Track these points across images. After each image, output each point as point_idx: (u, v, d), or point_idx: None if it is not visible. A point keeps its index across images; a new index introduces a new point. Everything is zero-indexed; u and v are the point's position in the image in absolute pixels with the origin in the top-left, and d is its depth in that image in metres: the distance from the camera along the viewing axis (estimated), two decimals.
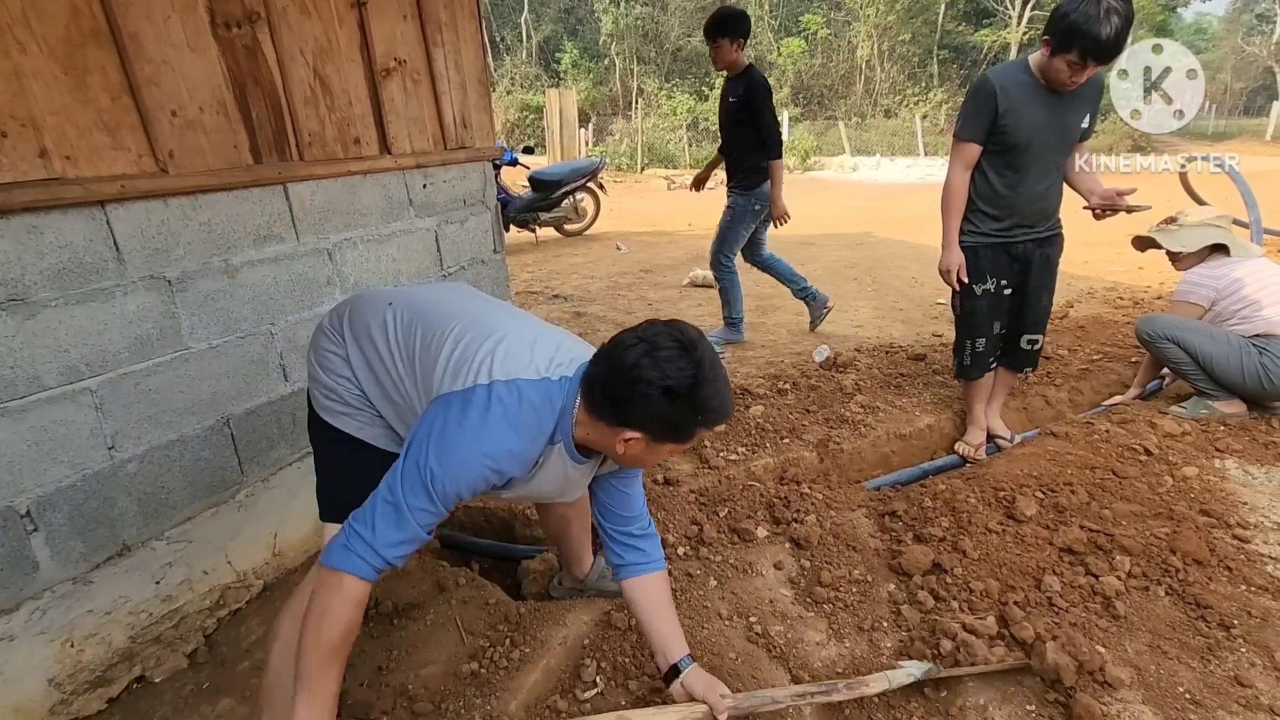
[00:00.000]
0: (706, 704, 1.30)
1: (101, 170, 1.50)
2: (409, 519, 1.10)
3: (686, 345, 1.10)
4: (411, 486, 1.10)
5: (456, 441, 1.10)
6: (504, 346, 1.20)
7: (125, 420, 1.60)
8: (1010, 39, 21.92)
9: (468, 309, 1.33)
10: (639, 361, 1.08)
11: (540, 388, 1.17)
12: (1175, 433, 2.56)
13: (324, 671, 1.10)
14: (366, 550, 1.09)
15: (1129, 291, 4.82)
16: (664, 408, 1.09)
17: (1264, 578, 1.81)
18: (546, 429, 1.17)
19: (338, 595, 1.09)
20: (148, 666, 1.66)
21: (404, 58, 2.23)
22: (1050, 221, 2.59)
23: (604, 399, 1.13)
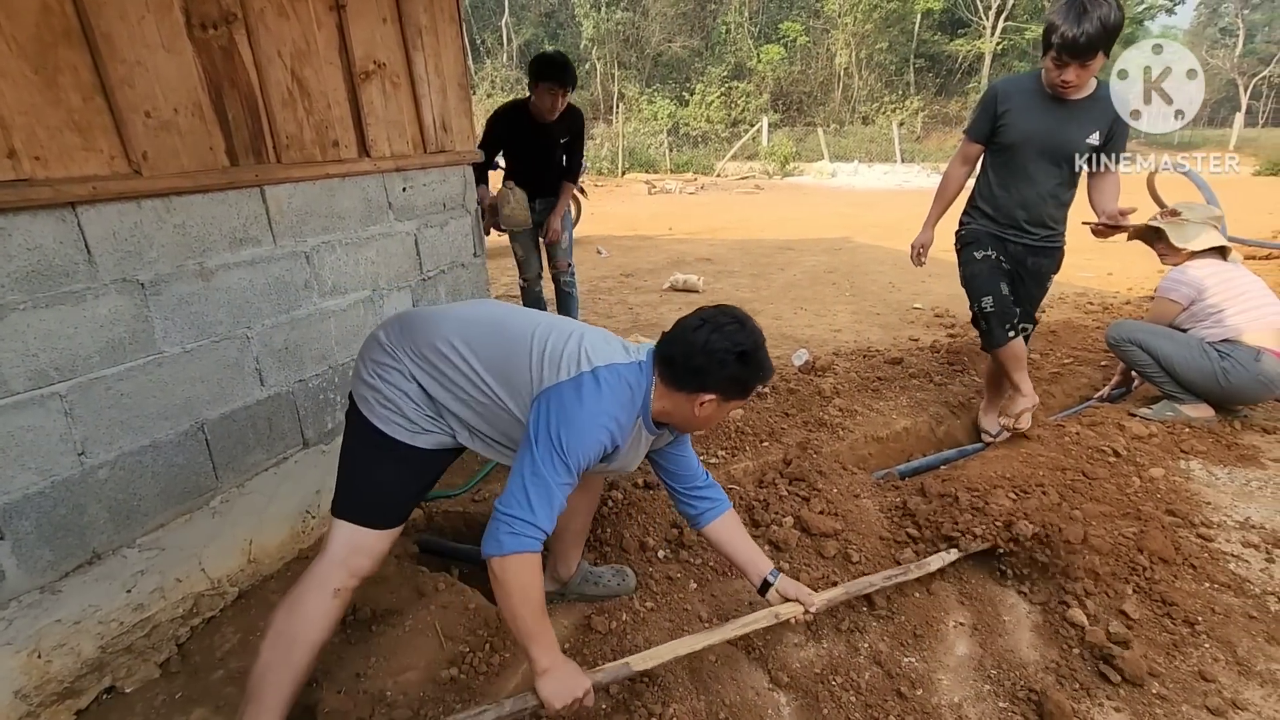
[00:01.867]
0: (799, 601, 1.58)
1: (72, 171, 1.48)
2: (557, 493, 1.28)
3: (741, 320, 1.37)
4: (552, 465, 1.27)
5: (580, 418, 1.30)
6: (587, 340, 1.41)
7: (96, 425, 1.57)
8: (984, 49, 22.35)
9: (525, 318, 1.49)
10: (710, 338, 1.33)
11: (631, 369, 1.39)
12: (1143, 435, 2.63)
13: (542, 623, 1.30)
14: (531, 530, 1.26)
15: (1099, 297, 4.93)
16: (736, 369, 1.34)
17: (1227, 575, 1.87)
18: (638, 404, 1.39)
19: (526, 570, 1.26)
20: (118, 677, 1.63)
21: (383, 60, 2.22)
22: (1046, 231, 2.59)
23: (685, 371, 1.35)
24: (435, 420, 1.44)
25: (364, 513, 1.41)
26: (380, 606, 1.83)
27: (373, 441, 1.43)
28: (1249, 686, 1.53)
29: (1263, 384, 2.61)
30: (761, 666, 1.62)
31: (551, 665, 1.29)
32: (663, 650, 1.47)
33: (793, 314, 4.65)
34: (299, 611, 1.37)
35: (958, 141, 20.96)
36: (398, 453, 1.42)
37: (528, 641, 1.29)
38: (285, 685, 1.35)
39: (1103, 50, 2.16)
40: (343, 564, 1.38)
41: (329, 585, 1.37)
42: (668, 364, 1.38)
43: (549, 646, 1.31)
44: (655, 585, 1.86)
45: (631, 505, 2.20)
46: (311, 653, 1.37)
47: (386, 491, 1.43)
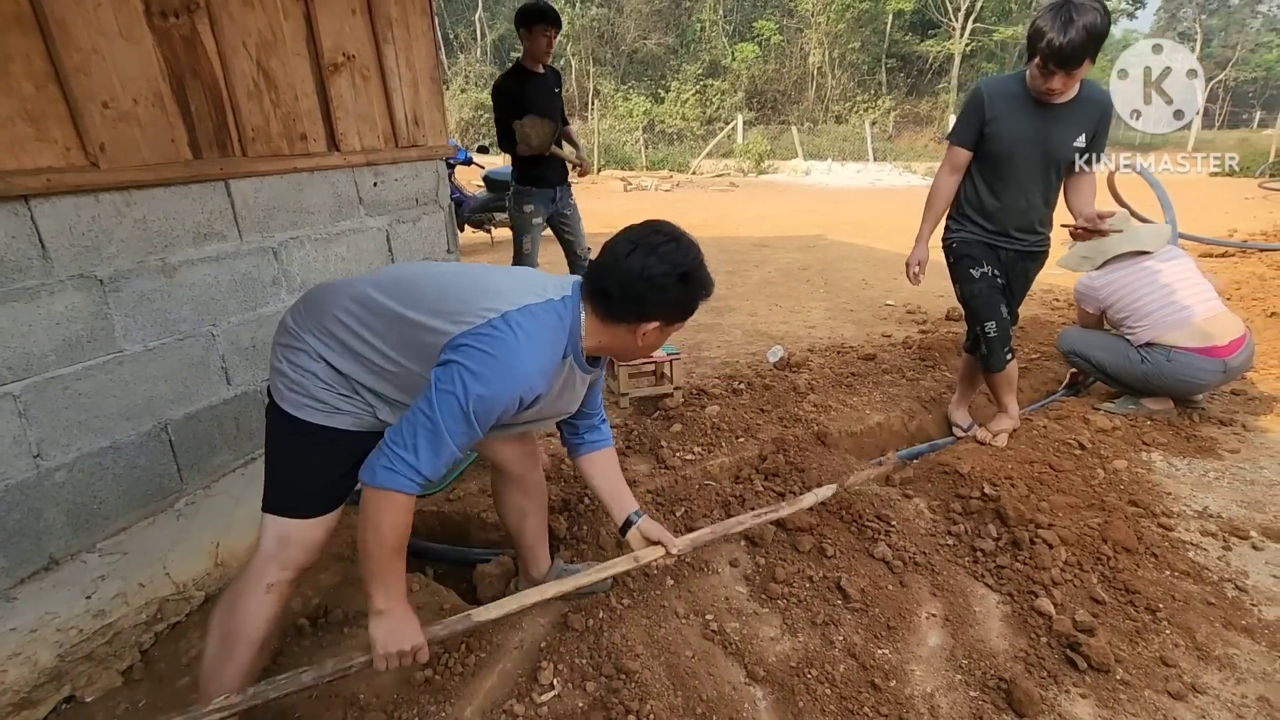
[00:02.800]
0: (661, 543, 1.56)
1: (25, 163, 1.42)
2: (448, 443, 1.20)
3: (675, 237, 1.28)
4: (449, 413, 1.19)
5: (489, 367, 1.20)
6: (493, 287, 1.30)
7: (52, 427, 1.52)
8: (954, 50, 22.72)
9: (447, 270, 1.41)
10: (647, 262, 1.24)
11: (549, 308, 1.28)
12: (1107, 428, 2.69)
13: (391, 566, 1.24)
14: (409, 470, 1.19)
15: (1064, 294, 5.04)
16: (679, 292, 1.27)
17: (1186, 563, 1.92)
18: (561, 344, 1.30)
19: (389, 507, 1.20)
20: (78, 686, 1.58)
21: (353, 53, 2.18)
22: (1035, 236, 2.57)
23: (624, 302, 1.27)
24: (350, 399, 1.37)
25: (288, 503, 1.36)
26: (352, 608, 1.80)
27: (286, 429, 1.37)
28: (1208, 671, 1.58)
29: (1183, 381, 2.69)
30: (738, 661, 1.63)
31: (389, 609, 1.25)
32: (508, 601, 1.43)
33: (768, 310, 4.68)
34: (237, 609, 1.34)
35: (929, 140, 21.01)
36: (313, 437, 1.36)
37: (370, 580, 1.24)
38: (231, 684, 1.32)
39: (1089, 57, 2.14)
40: (274, 558, 1.34)
41: (262, 581, 1.34)
42: (603, 297, 1.29)
43: (392, 591, 1.25)
44: (632, 582, 1.85)
45: None
46: (254, 650, 1.34)
47: (308, 478, 1.37)
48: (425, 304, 1.30)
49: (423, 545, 2.21)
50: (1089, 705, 1.50)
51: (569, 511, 2.19)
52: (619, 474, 1.67)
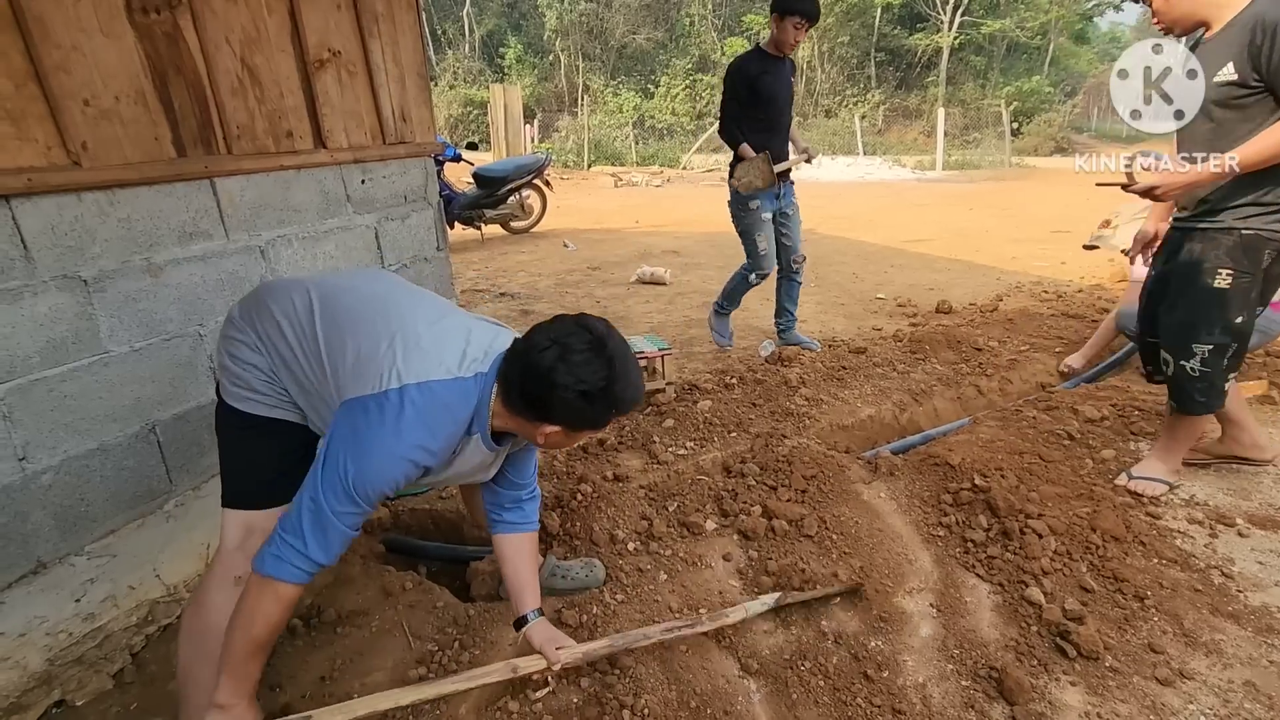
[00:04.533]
0: (544, 655, 1.42)
1: (5, 163, 1.41)
2: (335, 523, 1.16)
3: (597, 345, 1.16)
4: (334, 492, 1.14)
5: (372, 445, 1.15)
6: (411, 347, 1.22)
7: (38, 429, 1.51)
8: (942, 43, 22.76)
9: (376, 302, 1.34)
10: (554, 366, 1.13)
11: (453, 387, 1.20)
12: (1095, 418, 2.72)
13: (250, 661, 1.20)
14: (298, 558, 1.16)
15: (1054, 286, 5.08)
16: (581, 406, 1.16)
17: (1173, 551, 1.95)
18: (462, 423, 1.22)
19: (269, 598, 1.16)
20: (68, 690, 1.56)
21: (338, 49, 2.16)
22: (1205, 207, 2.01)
23: (522, 399, 1.19)
24: (288, 393, 1.35)
25: (248, 495, 1.35)
26: (345, 608, 1.79)
27: (234, 423, 1.36)
28: (1195, 657, 1.60)
29: (1262, 333, 2.77)
30: (732, 654, 1.63)
31: (229, 705, 1.20)
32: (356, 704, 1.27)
33: (758, 305, 4.69)
34: (204, 606, 1.33)
35: (918, 134, 20.85)
36: (260, 429, 1.35)
37: (224, 666, 1.20)
38: (208, 683, 1.30)
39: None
40: (239, 549, 1.34)
41: (230, 575, 1.33)
42: (507, 385, 1.21)
43: (240, 686, 1.21)
44: (625, 578, 1.86)
45: (601, 498, 2.19)
46: None
47: (262, 468, 1.35)
48: (342, 341, 1.27)
49: (416, 544, 2.21)
50: (1079, 693, 1.51)
51: (561, 508, 2.19)
52: (531, 565, 1.57)
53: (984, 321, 4.17)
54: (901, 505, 2.18)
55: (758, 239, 3.46)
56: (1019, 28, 23.19)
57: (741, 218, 3.48)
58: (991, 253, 6.30)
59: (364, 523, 1.24)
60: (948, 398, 3.21)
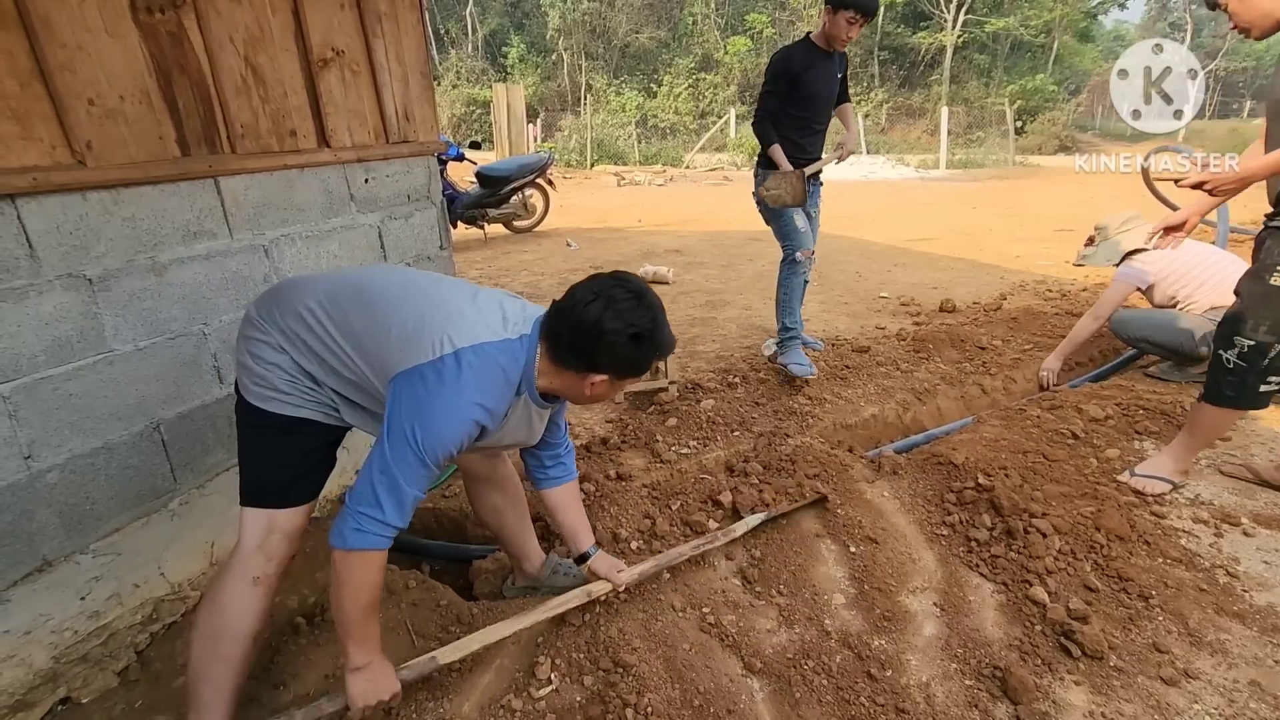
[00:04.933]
0: (608, 579, 1.65)
1: (10, 162, 1.41)
2: (407, 489, 1.22)
3: (638, 294, 1.25)
4: (403, 459, 1.20)
5: (436, 408, 1.21)
6: (456, 316, 1.28)
7: (43, 428, 1.51)
8: (946, 42, 22.70)
9: (407, 285, 1.38)
10: (602, 315, 1.22)
11: (504, 348, 1.27)
12: (1099, 417, 2.71)
13: (367, 624, 1.29)
14: (378, 526, 1.22)
15: (1057, 284, 5.06)
16: (630, 350, 1.24)
17: (1178, 550, 1.94)
18: (514, 383, 1.29)
19: (365, 568, 1.23)
20: (74, 687, 1.57)
21: (342, 48, 2.16)
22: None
23: (571, 352, 1.26)
24: (314, 391, 1.36)
25: (267, 494, 1.36)
26: None
27: (255, 422, 1.37)
28: (1200, 656, 1.60)
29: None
30: (735, 653, 1.63)
31: (365, 664, 1.30)
32: (471, 640, 1.48)
33: (762, 304, 4.68)
34: (221, 605, 1.34)
35: (921, 133, 20.74)
36: (282, 428, 1.36)
37: (347, 637, 1.28)
38: (222, 681, 1.32)
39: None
40: (259, 550, 1.34)
41: (248, 574, 1.34)
42: (555, 340, 1.28)
43: (368, 645, 1.30)
44: None
45: (604, 497, 2.20)
46: (242, 645, 1.34)
47: (283, 468, 1.37)
48: (382, 321, 1.30)
49: (419, 542, 2.21)
50: (1083, 692, 1.51)
51: None
52: (580, 508, 1.73)
53: (988, 320, 4.16)
54: (905, 504, 2.18)
55: (794, 219, 3.19)
56: (1023, 26, 23.10)
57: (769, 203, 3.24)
58: (995, 252, 6.28)
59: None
60: (951, 397, 3.20)
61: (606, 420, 2.89)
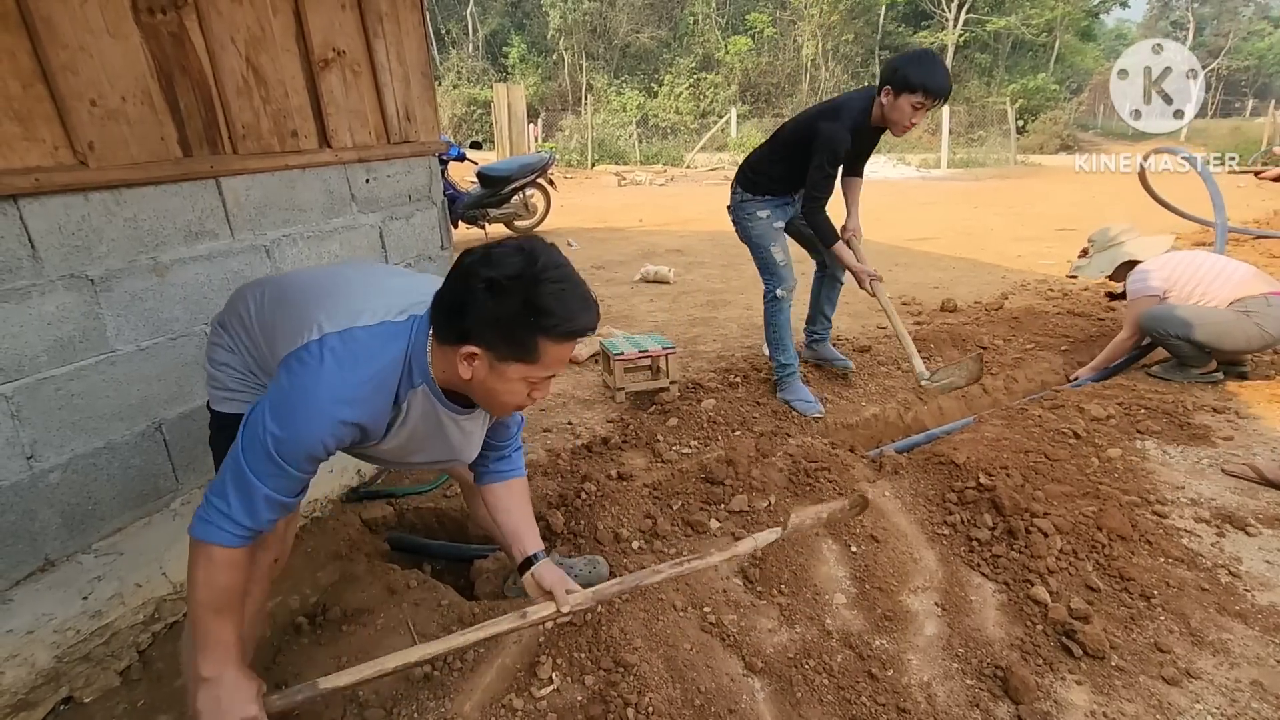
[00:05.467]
0: (555, 600, 1.34)
1: (13, 163, 1.41)
2: (258, 486, 1.08)
3: (524, 248, 1.04)
4: (254, 453, 1.08)
5: (291, 400, 1.07)
6: (345, 303, 1.16)
7: (45, 428, 1.51)
8: (947, 41, 22.68)
9: (331, 278, 1.30)
10: (473, 263, 1.03)
11: (377, 331, 1.12)
12: (1101, 416, 2.71)
13: (214, 628, 1.12)
14: (224, 520, 1.09)
15: (1059, 284, 5.06)
16: (493, 306, 1.01)
17: (1180, 550, 1.94)
18: (391, 371, 1.12)
19: (208, 564, 1.10)
20: (76, 686, 1.57)
21: (343, 48, 2.16)
22: None
23: (441, 311, 1.08)
24: (262, 389, 1.33)
25: None
26: (350, 606, 1.80)
27: (218, 426, 1.37)
28: (1202, 656, 1.60)
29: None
30: (736, 653, 1.64)
31: (215, 676, 1.10)
32: (364, 668, 1.24)
33: (761, 302, 4.68)
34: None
35: (922, 133, 20.78)
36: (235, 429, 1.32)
37: (196, 640, 1.13)
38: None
39: None
40: None
41: None
42: (434, 306, 1.10)
43: (218, 655, 1.11)
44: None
45: (605, 497, 2.20)
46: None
47: None
48: (287, 317, 1.23)
49: (421, 542, 2.21)
50: (1084, 692, 1.51)
51: (566, 507, 2.19)
52: (527, 508, 1.49)
53: (989, 320, 4.16)
54: (906, 504, 2.18)
55: (773, 250, 2.93)
56: (1024, 25, 23.09)
57: (749, 227, 2.96)
58: (996, 251, 6.27)
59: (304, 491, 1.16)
60: (953, 396, 3.20)
61: (608, 420, 2.90)
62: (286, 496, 1.12)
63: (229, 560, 1.11)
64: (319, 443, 1.09)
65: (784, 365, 3.01)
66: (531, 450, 2.63)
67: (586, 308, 1.07)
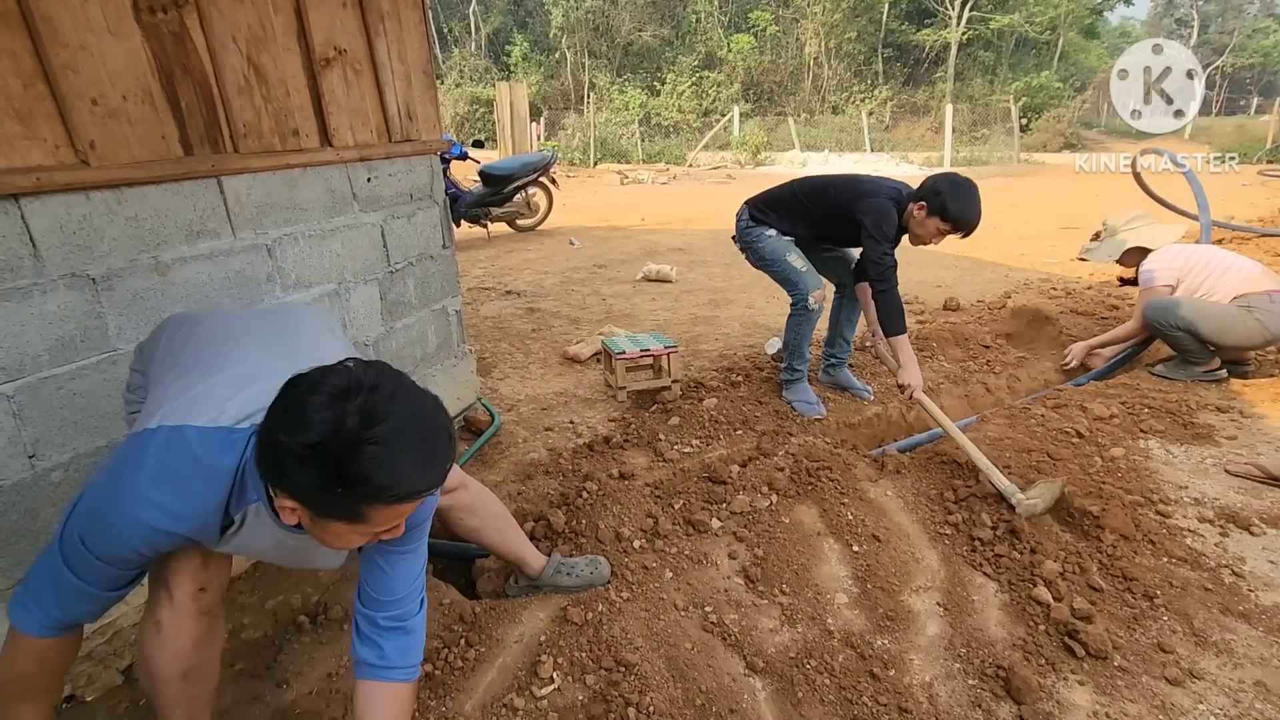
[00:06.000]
0: None
1: (14, 162, 1.41)
2: (69, 577, 0.98)
3: (352, 390, 0.85)
4: (70, 544, 0.98)
5: (106, 497, 0.97)
6: (204, 386, 1.06)
7: (47, 427, 1.52)
8: (950, 39, 22.61)
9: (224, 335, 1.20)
10: (284, 411, 0.86)
11: (211, 437, 0.99)
12: (1104, 416, 2.70)
13: (9, 711, 1.05)
14: (34, 607, 1.01)
15: (1062, 282, 5.04)
16: (301, 474, 0.85)
17: (1183, 550, 1.93)
18: (217, 484, 0.99)
19: (13, 647, 1.04)
20: (79, 685, 1.58)
21: (344, 47, 2.16)
22: None
23: (257, 452, 0.92)
24: None
25: None
26: (350, 605, 1.80)
27: None
28: (1205, 656, 1.59)
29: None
30: (737, 652, 1.63)
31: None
32: None
33: (765, 303, 4.67)
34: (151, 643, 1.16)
35: (925, 130, 20.85)
36: None
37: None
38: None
39: None
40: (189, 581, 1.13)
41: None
42: (256, 441, 0.94)
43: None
44: (631, 575, 1.86)
45: (606, 496, 2.19)
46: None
47: None
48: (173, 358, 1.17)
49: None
50: (1087, 692, 1.50)
51: (567, 506, 2.19)
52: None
53: (991, 319, 4.15)
54: (908, 503, 2.18)
55: (789, 259, 2.79)
56: (1028, 22, 23.00)
57: (760, 249, 2.84)
58: (999, 249, 6.25)
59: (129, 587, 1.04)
60: (955, 395, 3.19)
61: (610, 419, 2.89)
62: (102, 590, 1.01)
63: (33, 650, 1.03)
64: (131, 547, 0.98)
65: (795, 369, 2.97)
66: (533, 449, 2.62)
67: (421, 464, 0.87)
